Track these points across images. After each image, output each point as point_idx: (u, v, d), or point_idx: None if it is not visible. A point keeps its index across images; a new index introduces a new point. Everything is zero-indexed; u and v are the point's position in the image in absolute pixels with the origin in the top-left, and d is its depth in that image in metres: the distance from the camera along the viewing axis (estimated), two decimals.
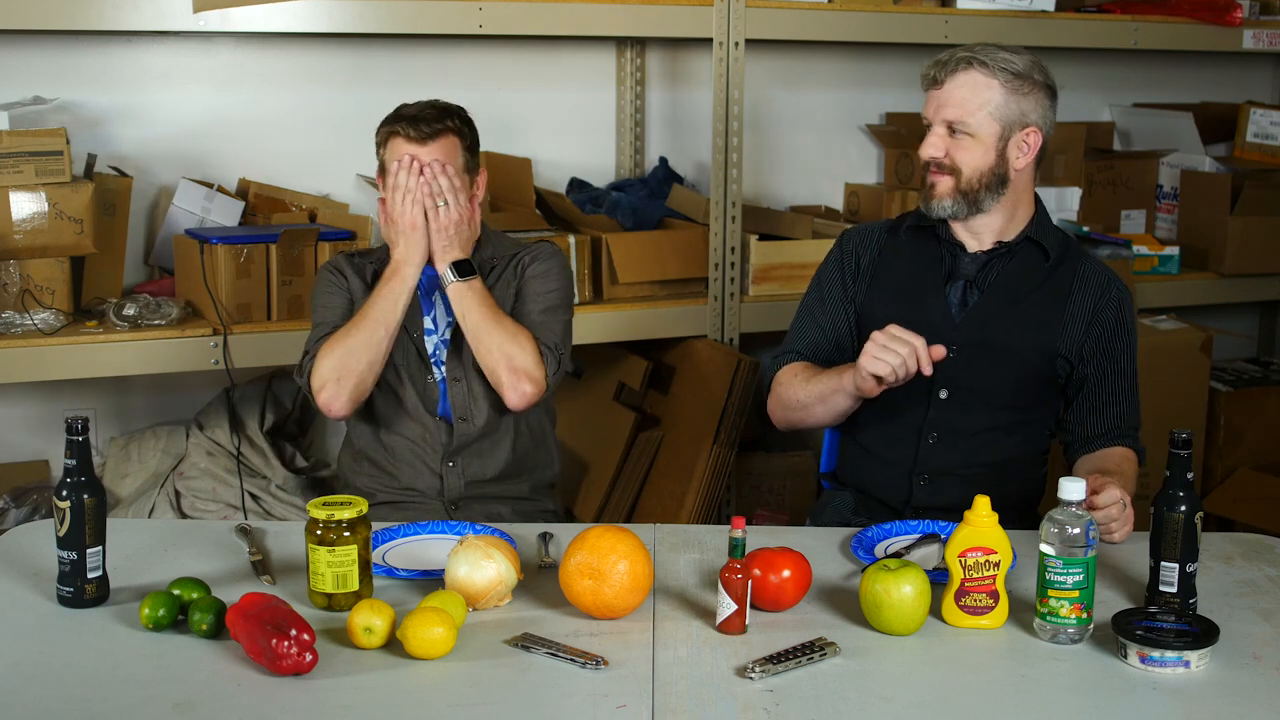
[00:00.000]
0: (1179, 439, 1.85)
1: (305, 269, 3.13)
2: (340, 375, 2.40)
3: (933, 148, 2.30)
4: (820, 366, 2.38)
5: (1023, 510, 2.38)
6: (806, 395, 2.34)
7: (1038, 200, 2.40)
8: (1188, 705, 1.63)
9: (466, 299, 2.43)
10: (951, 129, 2.29)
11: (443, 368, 2.53)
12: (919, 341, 2.12)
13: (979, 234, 2.35)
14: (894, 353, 2.11)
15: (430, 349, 2.53)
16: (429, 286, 2.54)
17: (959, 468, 2.35)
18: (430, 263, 2.46)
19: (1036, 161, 2.34)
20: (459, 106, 2.52)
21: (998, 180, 2.31)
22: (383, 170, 2.48)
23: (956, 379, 2.32)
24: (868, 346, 2.14)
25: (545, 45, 3.72)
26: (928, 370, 2.12)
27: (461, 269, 2.44)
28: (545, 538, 2.12)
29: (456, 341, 2.52)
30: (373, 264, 2.55)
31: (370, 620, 1.73)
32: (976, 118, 2.27)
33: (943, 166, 2.31)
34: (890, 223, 2.49)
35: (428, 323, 2.54)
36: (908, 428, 2.36)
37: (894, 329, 2.14)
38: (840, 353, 2.42)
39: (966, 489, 2.25)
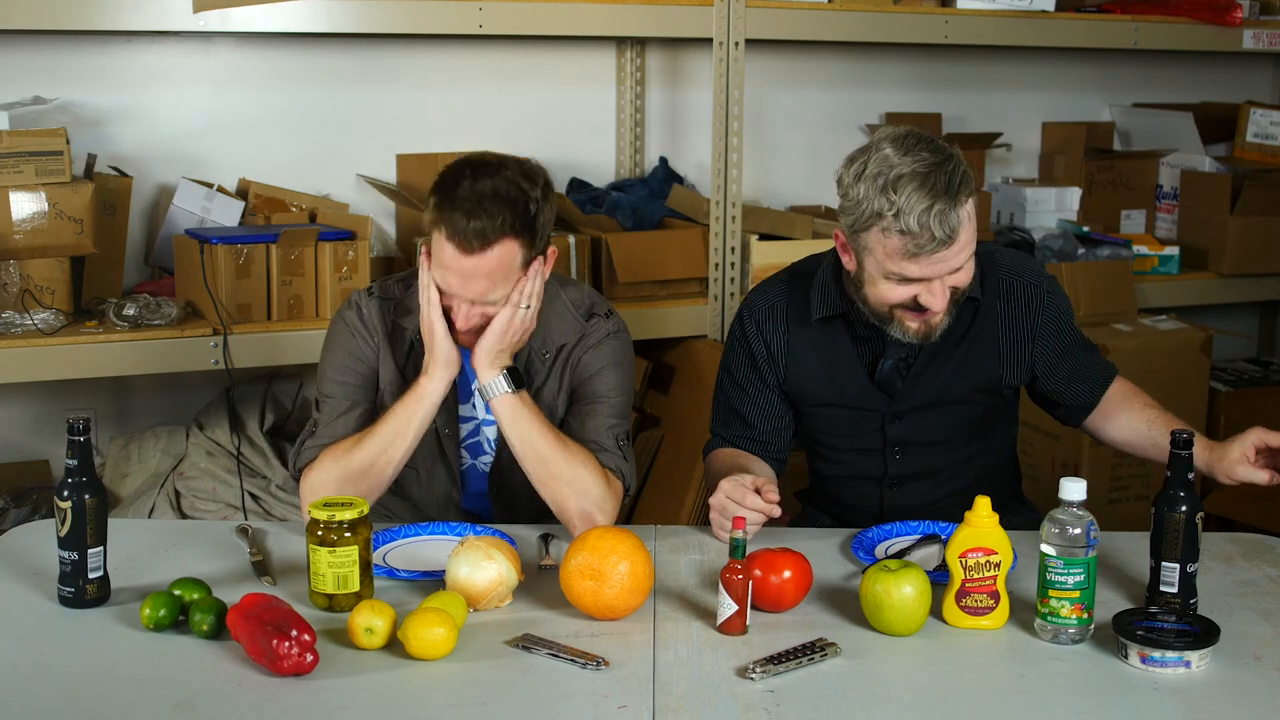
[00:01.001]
0: (1179, 439, 1.85)
1: (305, 269, 3.13)
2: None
3: (942, 299, 2.07)
4: (753, 451, 2.32)
5: (1007, 505, 2.35)
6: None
7: None
8: (1188, 705, 1.63)
9: (522, 418, 2.09)
10: (957, 268, 2.07)
11: (480, 461, 2.27)
12: (754, 502, 2.02)
13: None
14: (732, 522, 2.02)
15: (464, 435, 2.25)
16: (465, 359, 2.17)
17: (926, 505, 2.29)
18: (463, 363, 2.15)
19: None
20: (523, 188, 2.05)
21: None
22: (427, 239, 2.10)
23: (908, 439, 2.27)
24: (711, 516, 2.08)
25: (545, 45, 3.72)
26: (777, 513, 2.04)
27: (515, 378, 2.10)
28: (545, 539, 2.12)
29: (502, 457, 2.23)
30: (411, 330, 2.18)
31: (371, 621, 1.73)
32: (974, 244, 2.09)
33: (950, 300, 2.12)
34: (789, 298, 2.30)
35: (465, 410, 2.25)
36: (869, 481, 2.33)
37: (726, 493, 2.05)
38: (777, 432, 2.33)
39: (938, 518, 2.23)
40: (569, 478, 2.08)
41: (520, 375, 2.12)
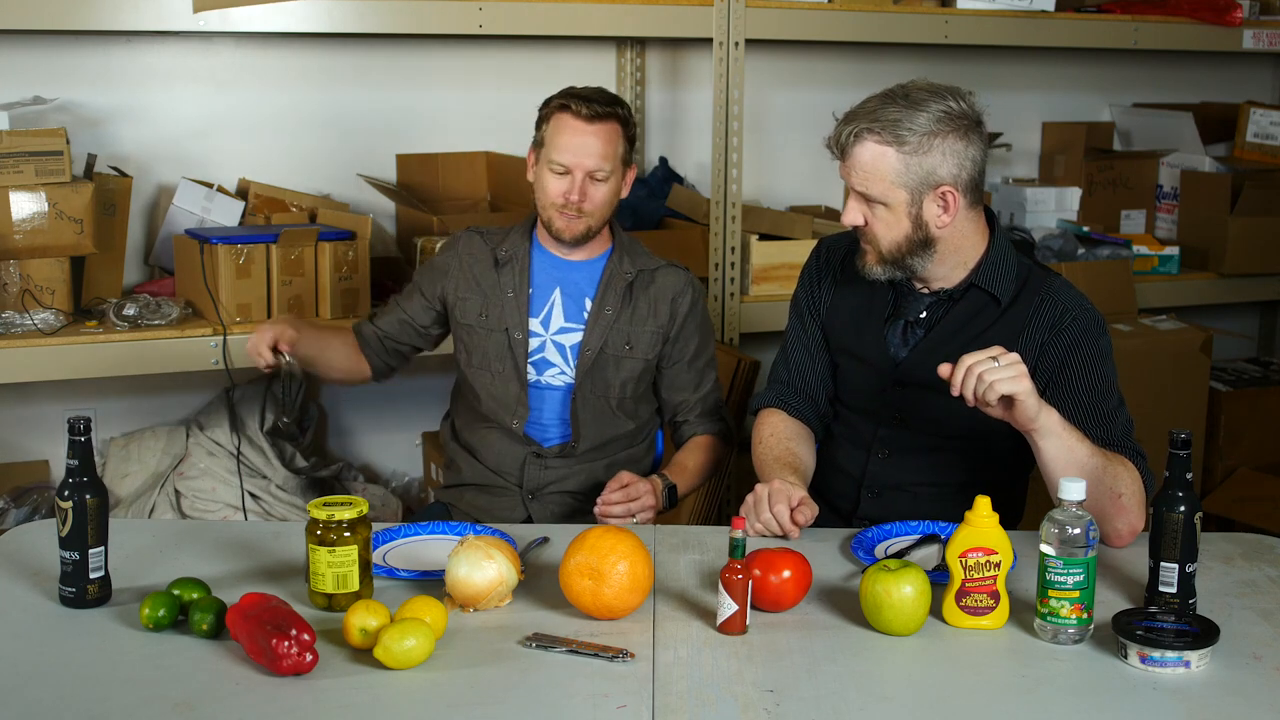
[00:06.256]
0: (1178, 439, 1.85)
1: (305, 269, 3.13)
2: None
3: (851, 215, 2.19)
4: (798, 412, 2.38)
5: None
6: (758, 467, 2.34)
7: (994, 235, 2.24)
8: (1188, 705, 1.63)
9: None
10: (866, 198, 2.17)
11: (547, 376, 2.52)
12: (780, 514, 2.12)
13: (924, 279, 2.25)
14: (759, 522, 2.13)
15: (532, 350, 2.52)
16: (543, 279, 2.52)
17: (910, 485, 2.29)
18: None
19: (974, 202, 2.18)
20: (622, 99, 2.55)
21: (920, 244, 2.17)
22: (538, 145, 2.49)
23: (907, 410, 2.26)
24: (748, 500, 2.15)
25: (545, 45, 3.72)
26: (794, 535, 2.12)
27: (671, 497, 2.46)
28: (533, 544, 2.10)
29: (590, 361, 2.50)
30: (501, 251, 2.54)
31: (365, 621, 1.72)
32: (881, 188, 2.13)
33: (864, 235, 2.19)
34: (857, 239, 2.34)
35: (535, 324, 2.52)
36: (858, 448, 2.33)
37: (772, 490, 2.13)
38: (804, 373, 2.38)
39: (917, 505, 2.25)
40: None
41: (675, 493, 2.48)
